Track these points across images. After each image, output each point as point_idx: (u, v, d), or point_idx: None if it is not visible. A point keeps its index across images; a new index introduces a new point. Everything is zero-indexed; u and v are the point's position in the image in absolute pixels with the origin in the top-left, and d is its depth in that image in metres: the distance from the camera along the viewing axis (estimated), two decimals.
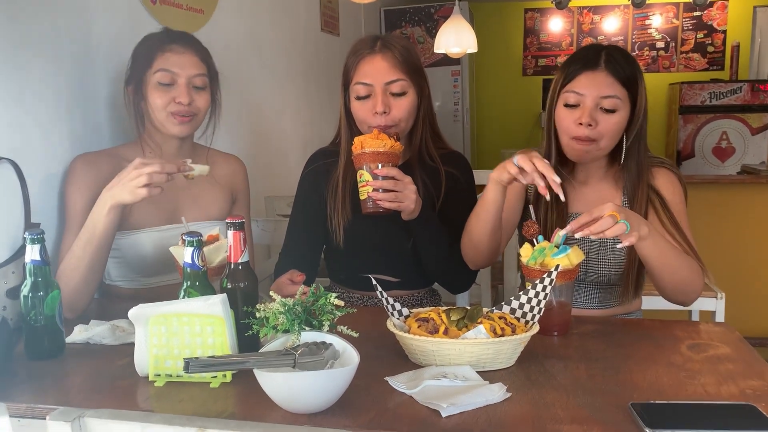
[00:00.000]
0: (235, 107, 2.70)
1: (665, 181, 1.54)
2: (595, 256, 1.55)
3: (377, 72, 1.59)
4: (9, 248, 1.47)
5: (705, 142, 5.61)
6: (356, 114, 1.63)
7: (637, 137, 1.51)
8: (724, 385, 1.06)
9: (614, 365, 1.15)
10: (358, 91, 1.60)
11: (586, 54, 1.50)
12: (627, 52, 1.53)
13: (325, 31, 3.86)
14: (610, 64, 1.45)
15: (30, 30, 1.57)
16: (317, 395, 0.96)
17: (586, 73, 1.47)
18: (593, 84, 1.45)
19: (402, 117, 1.60)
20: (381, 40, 1.62)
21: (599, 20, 6.49)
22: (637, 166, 1.52)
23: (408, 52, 1.63)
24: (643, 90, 1.49)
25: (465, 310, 1.18)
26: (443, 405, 0.96)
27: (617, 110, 1.45)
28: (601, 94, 1.45)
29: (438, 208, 1.68)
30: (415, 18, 5.54)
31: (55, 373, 1.18)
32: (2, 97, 1.49)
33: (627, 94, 1.46)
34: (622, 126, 1.47)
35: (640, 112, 1.48)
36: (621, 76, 1.45)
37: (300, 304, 1.09)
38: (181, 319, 1.10)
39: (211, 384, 1.08)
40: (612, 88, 1.45)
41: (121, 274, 1.66)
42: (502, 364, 1.13)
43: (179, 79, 1.59)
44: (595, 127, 1.45)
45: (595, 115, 1.45)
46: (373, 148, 1.48)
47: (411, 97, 1.62)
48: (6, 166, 1.48)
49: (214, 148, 1.80)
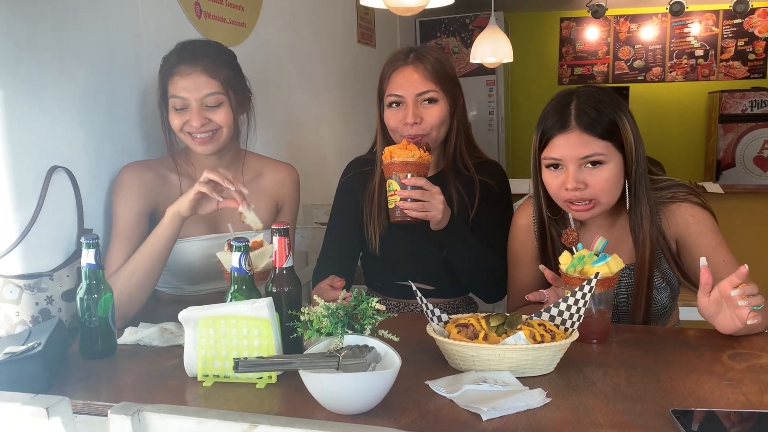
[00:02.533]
0: (275, 117, 2.76)
1: (688, 218, 1.46)
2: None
3: (408, 83, 1.62)
4: (64, 253, 1.54)
5: (746, 151, 5.51)
6: (388, 123, 1.67)
7: (638, 177, 1.43)
8: (767, 393, 1.05)
9: (654, 373, 1.15)
10: (391, 102, 1.65)
11: (556, 111, 1.40)
12: (600, 93, 1.43)
13: (362, 42, 3.92)
14: (582, 120, 1.37)
15: (83, 44, 1.64)
16: (360, 396, 0.98)
17: (559, 136, 1.39)
18: (569, 146, 1.37)
19: (433, 126, 1.63)
20: (415, 52, 1.65)
21: (636, 29, 6.43)
22: (641, 213, 1.44)
23: (440, 63, 1.65)
24: (628, 130, 1.40)
25: (504, 316, 1.19)
26: (484, 408, 0.98)
27: (604, 163, 1.38)
28: (580, 156, 1.37)
29: (472, 217, 1.70)
30: (450, 28, 5.57)
31: (108, 372, 1.23)
32: (59, 108, 1.56)
33: (610, 145, 1.38)
34: (615, 176, 1.40)
35: (632, 153, 1.40)
36: (597, 131, 1.37)
37: (342, 308, 1.12)
38: (228, 321, 1.14)
39: (257, 385, 1.12)
40: (590, 146, 1.37)
41: (166, 281, 1.71)
42: (541, 370, 1.14)
43: (190, 102, 1.58)
44: (585, 189, 1.38)
45: (581, 176, 1.38)
46: (402, 158, 1.49)
47: (442, 107, 1.64)
48: (61, 174, 1.54)
49: (266, 156, 1.84)
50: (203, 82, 1.58)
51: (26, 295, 1.40)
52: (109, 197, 1.68)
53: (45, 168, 1.51)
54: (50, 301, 1.43)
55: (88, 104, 1.66)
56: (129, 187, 1.62)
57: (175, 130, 1.62)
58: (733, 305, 1.23)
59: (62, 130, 1.58)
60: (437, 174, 1.72)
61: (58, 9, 1.55)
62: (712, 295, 1.25)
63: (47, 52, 1.52)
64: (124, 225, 1.60)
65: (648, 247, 1.44)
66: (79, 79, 1.63)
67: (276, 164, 1.83)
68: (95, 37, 1.68)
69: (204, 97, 1.58)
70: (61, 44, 1.56)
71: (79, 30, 1.63)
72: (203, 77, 1.58)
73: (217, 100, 1.60)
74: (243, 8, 2.45)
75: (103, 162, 1.70)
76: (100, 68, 1.69)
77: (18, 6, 1.44)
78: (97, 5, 1.69)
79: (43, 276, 1.44)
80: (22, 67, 1.45)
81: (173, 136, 1.67)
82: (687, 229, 1.46)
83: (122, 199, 1.61)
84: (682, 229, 1.47)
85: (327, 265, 1.75)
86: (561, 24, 6.62)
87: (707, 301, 1.25)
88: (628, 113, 1.43)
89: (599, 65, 6.55)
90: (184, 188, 1.66)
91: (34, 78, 1.49)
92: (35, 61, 1.49)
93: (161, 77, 1.63)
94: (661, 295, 1.52)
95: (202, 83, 1.58)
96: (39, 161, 1.50)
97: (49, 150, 1.54)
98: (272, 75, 2.74)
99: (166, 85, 1.61)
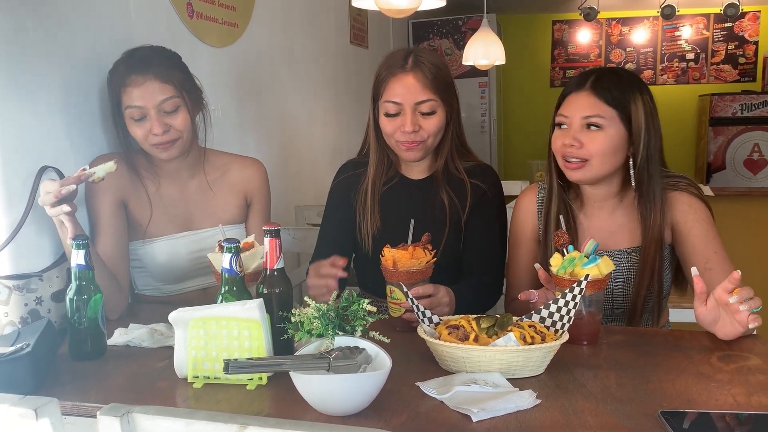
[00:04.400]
0: (267, 117, 2.76)
1: (685, 206, 1.51)
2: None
3: (407, 92, 1.59)
4: (53, 254, 1.53)
5: (736, 154, 5.55)
6: (384, 128, 1.65)
7: (645, 160, 1.48)
8: (754, 395, 1.06)
9: (643, 374, 1.15)
10: (388, 109, 1.61)
11: (578, 78, 1.53)
12: (622, 73, 1.52)
13: (354, 43, 3.92)
14: (597, 85, 1.47)
15: (74, 44, 1.63)
16: (351, 398, 0.98)
17: (572, 95, 1.50)
18: (576, 105, 1.48)
19: (430, 134, 1.62)
20: (413, 57, 1.61)
21: (628, 32, 6.47)
22: (649, 193, 1.50)
23: (439, 69, 1.63)
24: (639, 109, 1.46)
25: (495, 318, 1.20)
26: (474, 410, 0.98)
27: (602, 128, 1.45)
28: (583, 114, 1.47)
29: (464, 221, 1.70)
30: (443, 30, 5.58)
31: (97, 373, 1.23)
32: (48, 109, 1.56)
33: (615, 113, 1.45)
34: (612, 144, 1.46)
35: (639, 132, 1.46)
36: (606, 96, 1.46)
37: (333, 310, 1.12)
38: (219, 322, 1.13)
39: (247, 386, 1.12)
40: (594, 108, 1.46)
41: (145, 283, 1.72)
42: (531, 371, 1.15)
43: (148, 111, 1.56)
44: (580, 147, 1.46)
45: (580, 135, 1.47)
46: (407, 267, 1.39)
47: (440, 116, 1.63)
48: (51, 173, 1.54)
49: (231, 153, 1.84)
50: (158, 89, 1.56)
51: (15, 295, 1.39)
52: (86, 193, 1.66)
53: (35, 168, 1.50)
54: (39, 302, 1.42)
55: (77, 104, 1.65)
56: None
57: (140, 141, 1.60)
58: (732, 311, 1.25)
59: (52, 130, 1.57)
60: (428, 177, 1.72)
61: (48, 10, 1.55)
62: (708, 304, 1.26)
63: (37, 52, 1.52)
64: (103, 214, 1.61)
65: (657, 228, 1.49)
66: (69, 80, 1.62)
67: (242, 159, 1.83)
68: (85, 38, 1.67)
69: (161, 103, 1.56)
70: (51, 45, 1.56)
71: (70, 31, 1.62)
72: (157, 83, 1.56)
73: (174, 104, 1.58)
74: (235, 8, 2.45)
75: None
76: (90, 69, 1.69)
77: (7, 6, 1.43)
78: (88, 6, 1.68)
79: (32, 276, 1.43)
80: (11, 68, 1.45)
81: (130, 140, 1.64)
82: (684, 216, 1.50)
83: (97, 192, 1.61)
84: (679, 216, 1.51)
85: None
86: (553, 26, 6.65)
87: (705, 310, 1.27)
88: (648, 99, 1.48)
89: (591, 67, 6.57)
90: (148, 189, 1.68)
91: (23, 79, 1.48)
92: (25, 62, 1.48)
93: (112, 89, 1.60)
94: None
95: (157, 89, 1.56)
96: (28, 161, 1.50)
97: (39, 150, 1.53)
98: (264, 75, 2.74)
99: (119, 97, 1.58)
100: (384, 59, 1.67)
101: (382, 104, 1.64)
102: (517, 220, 1.68)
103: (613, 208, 1.58)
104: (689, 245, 1.50)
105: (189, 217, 1.72)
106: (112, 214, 1.62)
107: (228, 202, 1.77)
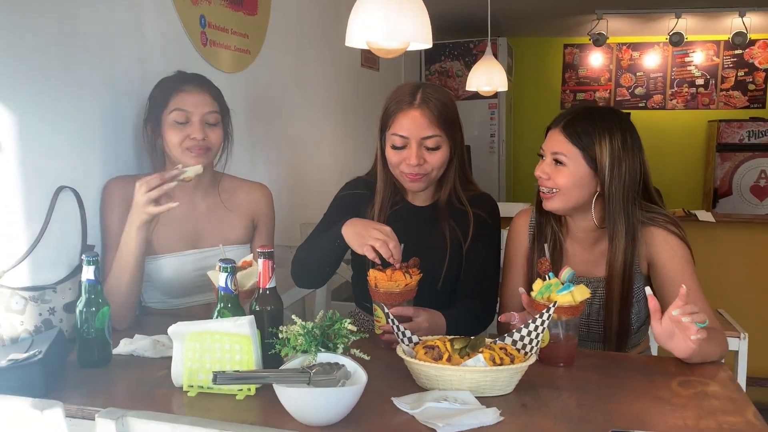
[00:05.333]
0: (276, 139, 2.87)
1: (661, 242, 1.58)
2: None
3: (414, 126, 1.66)
4: (67, 267, 1.65)
5: (743, 180, 5.59)
6: (390, 160, 1.72)
7: (608, 198, 1.55)
8: (704, 419, 1.14)
9: (605, 396, 1.24)
10: (395, 141, 1.69)
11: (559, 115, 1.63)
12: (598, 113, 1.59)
13: (366, 66, 4.04)
14: (567, 125, 1.57)
15: (91, 72, 1.76)
16: (328, 410, 1.08)
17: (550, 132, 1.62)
18: (550, 142, 1.60)
19: (435, 167, 1.70)
20: (421, 93, 1.68)
21: (638, 56, 6.55)
22: (610, 229, 1.57)
23: (445, 106, 1.69)
24: (604, 151, 1.54)
25: (468, 339, 1.29)
26: (440, 424, 1.07)
27: (566, 165, 1.57)
28: (552, 150, 1.59)
29: (465, 249, 1.76)
30: (455, 53, 5.71)
31: (103, 380, 1.34)
32: (67, 133, 1.68)
33: (579, 152, 1.55)
34: (574, 181, 1.56)
35: (603, 173, 1.54)
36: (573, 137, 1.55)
37: (318, 327, 1.22)
38: (213, 336, 1.24)
39: (237, 396, 1.22)
40: (561, 146, 1.57)
41: (151, 296, 1.82)
42: (500, 390, 1.23)
43: (193, 117, 1.72)
44: (548, 179, 1.60)
45: (548, 169, 1.60)
46: (386, 289, 1.49)
47: (444, 150, 1.70)
48: (68, 193, 1.66)
49: (240, 177, 1.96)
50: (208, 101, 1.76)
51: (30, 306, 1.50)
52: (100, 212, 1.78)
53: (53, 188, 1.62)
54: (52, 312, 1.54)
55: (94, 129, 1.77)
56: (116, 199, 1.73)
57: (173, 145, 1.72)
58: (683, 328, 1.32)
59: (69, 152, 1.69)
60: (431, 205, 1.80)
61: (68, 39, 1.67)
62: (663, 322, 1.34)
63: (57, 78, 1.64)
64: (116, 236, 1.70)
65: (620, 262, 1.56)
66: (86, 106, 1.74)
67: (250, 184, 1.96)
68: (103, 65, 1.80)
69: (206, 114, 1.75)
70: (70, 72, 1.68)
71: (88, 60, 1.74)
72: (208, 97, 1.77)
73: (216, 119, 1.77)
74: (248, 36, 2.58)
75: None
76: (106, 94, 1.81)
77: (30, 33, 1.56)
78: (105, 34, 1.81)
79: (46, 289, 1.55)
80: (33, 93, 1.57)
81: (156, 156, 1.79)
82: (659, 251, 1.58)
83: (110, 211, 1.73)
84: (654, 251, 1.58)
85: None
86: (564, 50, 6.75)
87: (660, 329, 1.34)
88: (617, 141, 1.55)
89: (601, 91, 6.66)
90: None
91: (44, 104, 1.60)
92: (45, 88, 1.60)
93: (163, 93, 1.75)
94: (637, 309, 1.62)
95: (207, 102, 1.76)
96: (47, 181, 1.62)
97: (56, 171, 1.65)
98: (276, 98, 2.86)
99: (168, 100, 1.73)
100: (392, 92, 1.73)
101: (389, 136, 1.70)
102: (511, 242, 1.78)
103: (597, 239, 1.66)
104: (665, 279, 1.57)
105: (197, 236, 1.83)
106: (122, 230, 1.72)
107: (236, 223, 1.88)
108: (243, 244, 1.88)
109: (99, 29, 1.78)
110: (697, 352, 1.33)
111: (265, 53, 2.71)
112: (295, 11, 3.04)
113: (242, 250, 1.85)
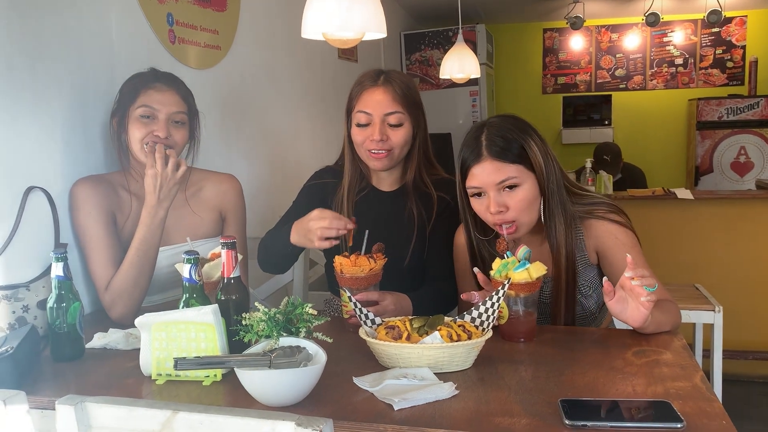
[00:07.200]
0: (252, 133, 2.90)
1: (602, 233, 1.59)
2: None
3: (378, 103, 1.75)
4: (40, 266, 1.68)
5: (723, 157, 5.65)
6: (355, 138, 1.79)
7: (548, 199, 1.55)
8: (652, 385, 1.18)
9: (560, 368, 1.28)
10: (359, 119, 1.77)
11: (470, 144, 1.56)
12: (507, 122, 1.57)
13: (343, 58, 4.06)
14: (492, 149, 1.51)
15: (57, 71, 1.78)
16: (287, 390, 1.12)
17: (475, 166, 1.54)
18: (485, 174, 1.53)
19: (397, 145, 1.77)
20: (384, 75, 1.78)
21: (617, 38, 6.59)
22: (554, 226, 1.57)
23: (408, 87, 1.78)
24: (535, 152, 1.53)
25: (426, 318, 1.33)
26: (396, 399, 1.11)
27: (519, 185, 1.52)
28: (495, 182, 1.52)
29: (429, 231, 1.83)
30: (434, 41, 5.73)
31: (75, 373, 1.37)
32: (35, 133, 1.71)
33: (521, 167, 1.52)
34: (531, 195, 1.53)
35: (542, 174, 1.53)
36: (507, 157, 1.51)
37: (281, 313, 1.26)
38: (178, 326, 1.27)
39: (203, 382, 1.26)
40: (503, 171, 1.51)
41: None
42: (458, 366, 1.28)
43: (160, 114, 1.73)
44: (507, 212, 1.53)
45: (501, 199, 1.53)
46: (351, 274, 1.52)
47: (407, 129, 1.77)
48: (38, 193, 1.69)
49: (207, 170, 1.98)
50: (176, 101, 1.78)
51: (4, 304, 1.54)
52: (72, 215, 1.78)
53: (22, 188, 1.65)
54: (26, 310, 1.57)
55: (62, 128, 1.80)
56: (90, 199, 1.73)
57: (134, 139, 1.74)
58: (634, 295, 1.35)
59: (38, 152, 1.72)
60: (398, 189, 1.86)
61: (32, 39, 1.69)
62: (617, 294, 1.38)
63: (21, 78, 1.66)
64: (97, 237, 1.72)
65: (564, 257, 1.58)
66: (54, 105, 1.77)
67: (218, 176, 1.97)
68: (68, 65, 1.82)
69: (173, 114, 1.76)
70: (35, 72, 1.70)
71: (53, 59, 1.76)
72: (177, 97, 1.78)
73: (183, 119, 1.79)
74: (218, 32, 2.60)
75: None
76: (74, 94, 1.84)
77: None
78: (70, 34, 1.83)
79: (20, 287, 1.58)
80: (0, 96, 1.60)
81: (123, 152, 1.80)
82: (603, 242, 1.60)
83: (86, 212, 1.73)
84: (599, 242, 1.61)
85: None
86: (544, 34, 6.77)
87: (614, 303, 1.39)
88: (536, 136, 1.57)
89: (582, 74, 6.69)
90: (133, 205, 1.81)
91: (11, 105, 1.62)
92: (11, 88, 1.62)
93: (133, 88, 1.76)
94: (588, 301, 1.65)
95: (175, 101, 1.77)
96: (17, 182, 1.64)
97: (27, 171, 1.67)
98: (250, 93, 2.88)
99: (137, 95, 1.74)
100: (358, 77, 1.83)
101: (354, 115, 1.79)
102: (457, 258, 1.77)
103: (541, 242, 1.65)
104: (614, 267, 1.58)
105: (166, 233, 1.84)
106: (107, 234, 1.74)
107: (203, 217, 1.90)
108: (213, 237, 1.91)
109: (64, 29, 1.80)
110: (650, 320, 1.37)
111: (237, 49, 2.73)
112: (265, 6, 3.06)
113: (212, 243, 1.88)
